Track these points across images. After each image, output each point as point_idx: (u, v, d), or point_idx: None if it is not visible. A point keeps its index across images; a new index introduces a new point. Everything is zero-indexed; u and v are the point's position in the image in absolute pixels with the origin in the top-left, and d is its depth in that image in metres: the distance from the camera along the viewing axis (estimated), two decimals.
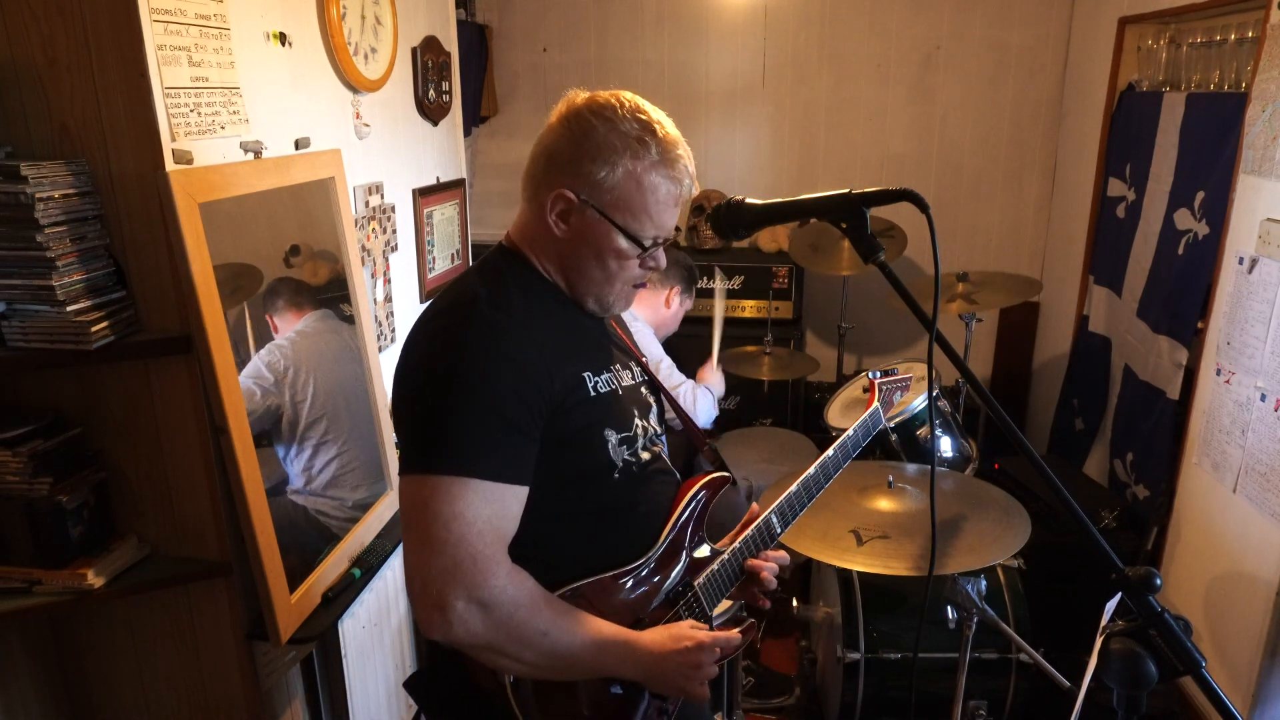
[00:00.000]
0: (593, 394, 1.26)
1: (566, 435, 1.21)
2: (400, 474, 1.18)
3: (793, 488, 1.50)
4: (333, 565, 1.95)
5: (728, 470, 1.46)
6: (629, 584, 1.29)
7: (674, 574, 1.34)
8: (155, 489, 1.73)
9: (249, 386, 1.76)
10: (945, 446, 2.93)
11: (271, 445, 1.82)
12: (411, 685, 1.34)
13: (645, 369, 1.43)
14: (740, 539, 1.42)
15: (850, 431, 1.67)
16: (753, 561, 1.42)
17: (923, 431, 2.81)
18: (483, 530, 1.12)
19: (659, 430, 1.40)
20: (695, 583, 1.35)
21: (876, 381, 1.83)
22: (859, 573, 2.44)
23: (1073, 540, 2.88)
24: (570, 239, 1.26)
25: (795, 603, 2.74)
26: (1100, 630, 0.98)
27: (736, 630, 1.36)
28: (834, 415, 3.06)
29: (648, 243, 1.26)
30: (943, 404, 3.01)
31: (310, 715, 2.12)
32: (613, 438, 1.27)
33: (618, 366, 1.34)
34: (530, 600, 1.15)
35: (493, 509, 1.13)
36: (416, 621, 1.14)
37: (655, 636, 1.25)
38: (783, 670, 3.03)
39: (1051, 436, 3.98)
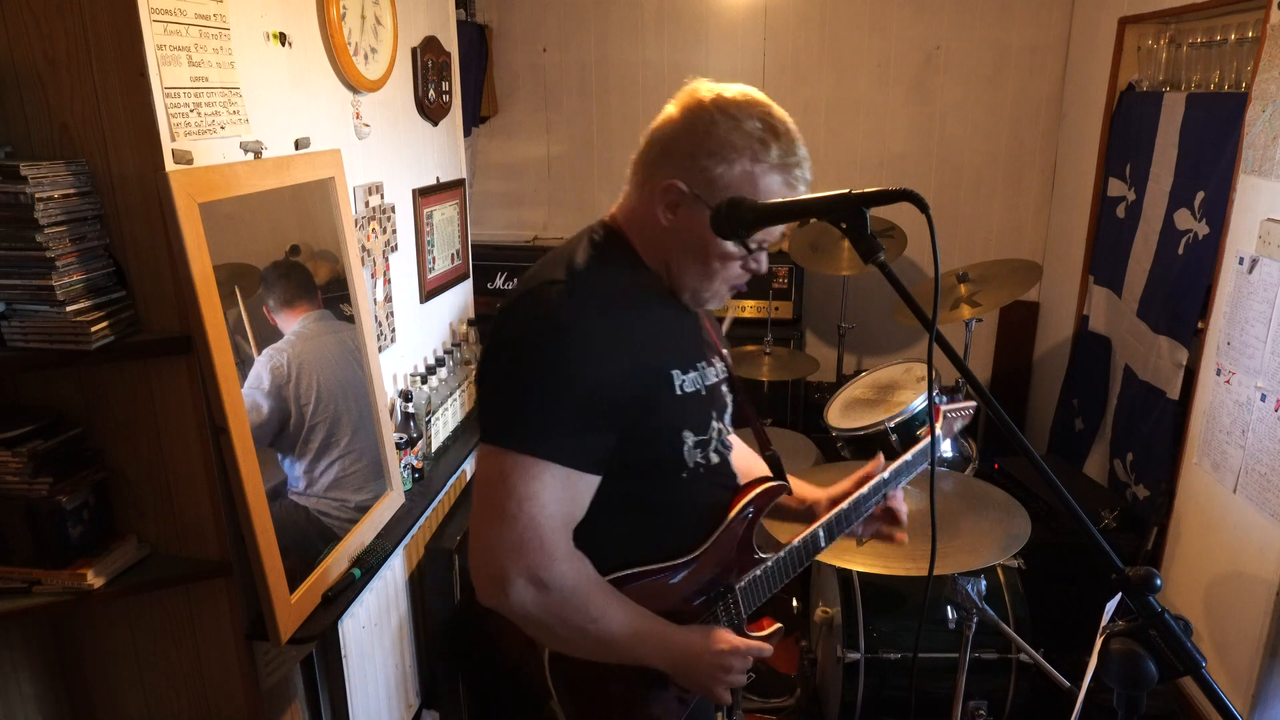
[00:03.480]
0: (678, 393, 1.26)
1: (646, 431, 1.22)
2: (481, 440, 1.19)
3: (844, 505, 1.50)
4: (333, 565, 1.95)
5: (785, 478, 1.47)
6: (674, 578, 1.31)
7: (718, 574, 1.35)
8: (155, 489, 1.73)
9: (253, 399, 1.76)
10: (945, 447, 2.94)
11: (274, 447, 1.82)
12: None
13: (728, 365, 1.42)
14: (785, 549, 1.43)
15: (908, 456, 1.64)
16: (891, 495, 1.52)
17: (922, 432, 2.81)
18: (553, 514, 1.14)
19: (730, 432, 1.40)
20: (737, 586, 1.37)
21: (943, 408, 1.80)
22: (859, 573, 2.45)
23: (1073, 540, 2.88)
24: (676, 230, 1.24)
25: (795, 602, 2.74)
26: (1100, 630, 0.98)
27: (766, 636, 1.38)
28: (834, 415, 3.06)
29: (753, 245, 1.25)
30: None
31: (310, 715, 2.12)
32: (690, 439, 1.28)
33: (704, 364, 1.33)
34: (586, 586, 1.18)
35: (565, 494, 1.15)
36: (472, 584, 1.17)
37: (693, 635, 1.28)
38: (783, 670, 3.03)
39: (1051, 436, 3.98)
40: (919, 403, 2.82)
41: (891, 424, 2.81)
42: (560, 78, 4.29)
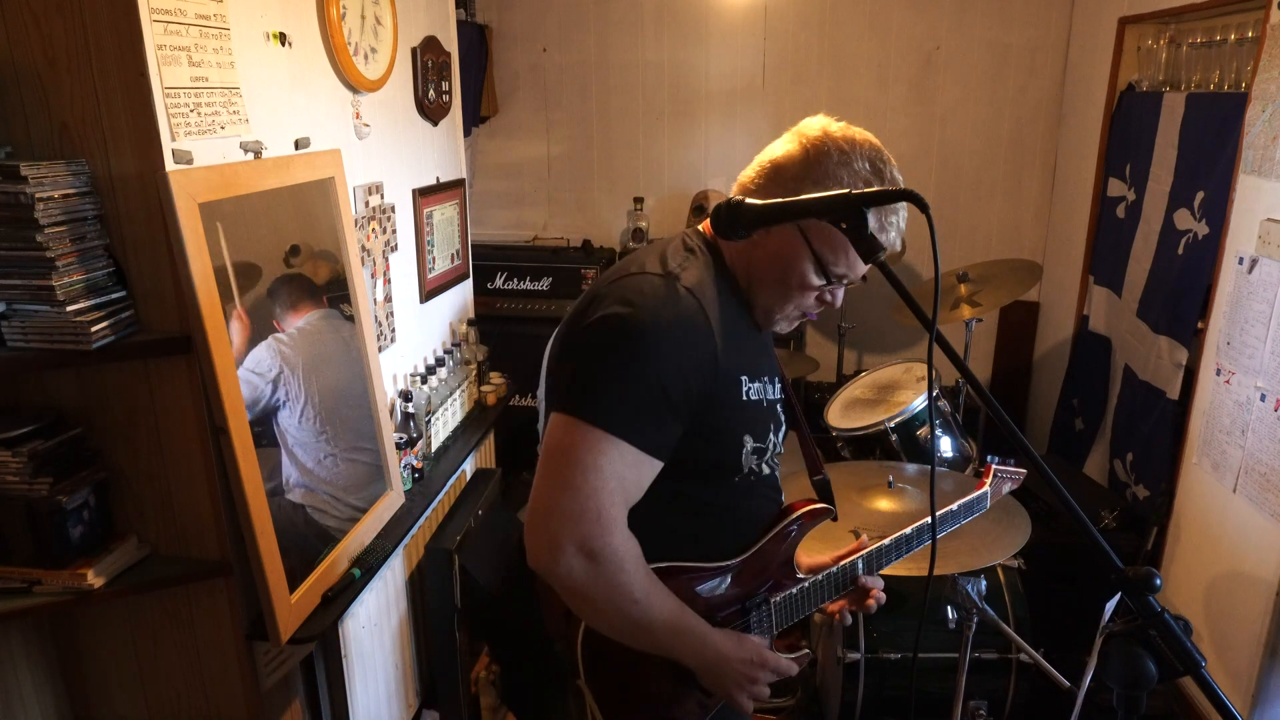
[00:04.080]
0: (744, 398, 1.30)
1: (711, 429, 1.26)
2: (555, 409, 1.21)
3: (886, 541, 1.52)
4: (333, 565, 1.95)
5: (833, 504, 1.49)
6: (714, 581, 1.33)
7: (756, 585, 1.38)
8: (155, 489, 1.73)
9: (247, 377, 1.75)
10: (945, 447, 2.94)
11: (272, 444, 1.82)
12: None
13: (786, 388, 1.46)
14: (825, 573, 1.45)
15: (955, 506, 1.66)
16: (868, 580, 1.48)
17: (922, 431, 2.81)
18: (614, 489, 1.16)
19: (782, 449, 1.44)
20: (773, 600, 1.39)
21: (994, 467, 1.78)
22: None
23: (1073, 540, 2.88)
24: (765, 247, 1.28)
25: None
26: (1100, 630, 0.98)
27: (794, 658, 1.39)
28: (834, 415, 3.06)
29: (835, 279, 1.28)
30: (942, 404, 3.01)
31: (310, 715, 2.12)
32: (749, 444, 1.32)
33: (767, 379, 1.37)
34: (634, 566, 1.20)
35: (630, 473, 1.18)
36: (525, 546, 1.20)
37: (726, 639, 1.30)
38: None
39: (1051, 436, 3.98)
40: (919, 403, 2.82)
41: (891, 424, 2.81)
42: (560, 78, 4.29)
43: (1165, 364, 2.99)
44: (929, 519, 1.55)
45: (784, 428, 1.45)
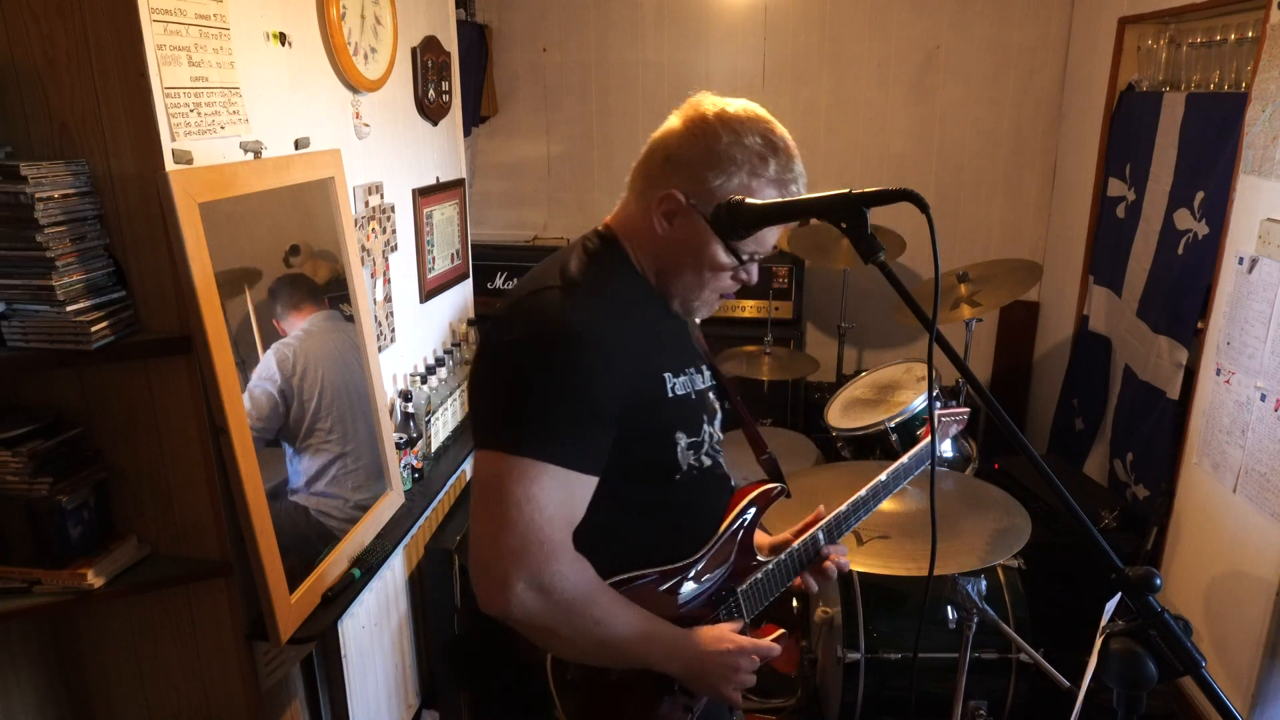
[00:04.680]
0: (670, 395, 1.28)
1: (640, 432, 1.23)
2: (477, 446, 1.19)
3: (842, 507, 1.52)
4: (333, 565, 1.95)
5: (782, 480, 1.48)
6: (675, 582, 1.31)
7: (719, 578, 1.36)
8: (155, 489, 1.73)
9: (265, 390, 1.76)
10: (946, 447, 2.94)
11: (277, 444, 1.82)
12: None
13: (716, 372, 1.44)
14: (787, 552, 1.44)
15: (905, 459, 1.67)
16: (831, 549, 1.46)
17: (923, 431, 2.81)
18: (552, 516, 1.14)
19: (720, 437, 1.42)
20: (739, 589, 1.37)
21: (938, 413, 1.82)
22: (859, 573, 2.44)
23: (1073, 540, 2.88)
24: (671, 239, 1.27)
25: (795, 603, 2.74)
26: (1100, 630, 0.98)
27: (772, 640, 1.37)
28: (834, 415, 3.06)
29: (745, 257, 1.27)
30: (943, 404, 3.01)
31: (310, 715, 2.12)
32: (683, 440, 1.29)
33: (693, 370, 1.35)
34: (589, 588, 1.18)
35: (564, 495, 1.16)
36: (474, 593, 1.17)
37: (700, 636, 1.28)
38: (783, 670, 3.02)
39: (1051, 436, 3.98)
40: (919, 402, 2.82)
41: (891, 424, 2.81)
42: (560, 78, 4.29)
43: (1165, 364, 2.99)
44: (881, 477, 1.58)
45: (720, 415, 1.43)
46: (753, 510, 1.41)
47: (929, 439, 1.73)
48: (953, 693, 2.24)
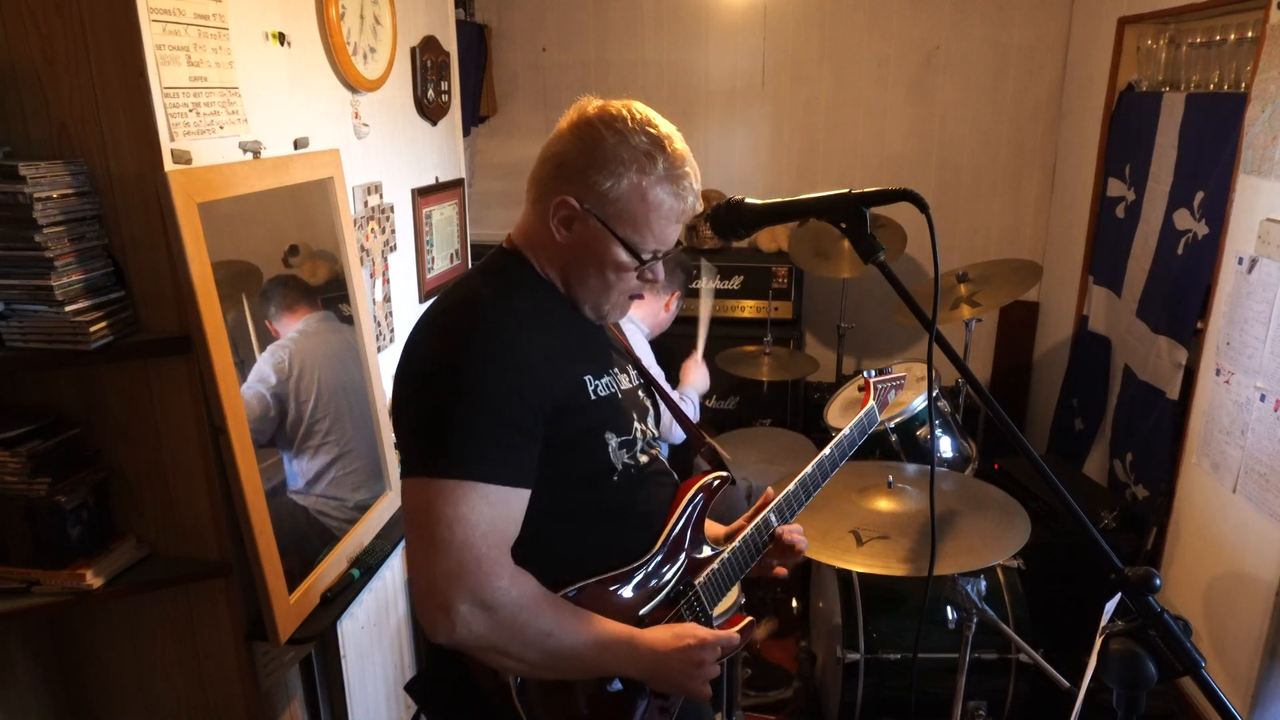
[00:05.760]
0: (593, 397, 1.27)
1: (567, 437, 1.22)
2: (403, 476, 1.18)
3: (790, 487, 1.52)
4: (332, 565, 1.95)
5: (726, 469, 1.47)
6: (630, 584, 1.29)
7: (674, 574, 1.35)
8: (155, 489, 1.73)
9: (258, 392, 1.76)
10: (945, 446, 2.93)
11: (274, 445, 1.82)
12: (413, 687, 1.35)
13: (642, 372, 1.44)
14: (740, 538, 1.43)
15: (846, 430, 1.68)
16: (785, 528, 1.45)
17: (922, 431, 2.81)
18: (486, 533, 1.12)
19: (656, 434, 1.41)
20: (696, 582, 1.36)
21: (872, 381, 1.85)
22: (859, 573, 2.44)
23: (1073, 540, 2.88)
24: (571, 246, 1.26)
25: (795, 603, 2.74)
26: (1100, 630, 0.98)
27: (735, 630, 1.36)
28: (834, 415, 3.06)
29: (646, 256, 1.26)
30: (942, 404, 3.01)
31: (309, 715, 2.12)
32: (613, 440, 1.28)
33: (616, 370, 1.35)
34: (534, 601, 1.16)
35: (495, 512, 1.14)
36: (420, 623, 1.15)
37: (657, 635, 1.26)
38: (775, 661, 3.03)
39: (1051, 436, 3.98)
40: (919, 403, 2.82)
41: (891, 424, 2.81)
42: (560, 77, 4.29)
43: (1165, 364, 2.99)
44: (825, 452, 1.59)
45: (652, 412, 1.42)
46: (699, 500, 1.40)
47: (868, 407, 1.76)
48: (952, 693, 2.24)
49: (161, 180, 1.52)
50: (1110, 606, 1.00)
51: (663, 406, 1.52)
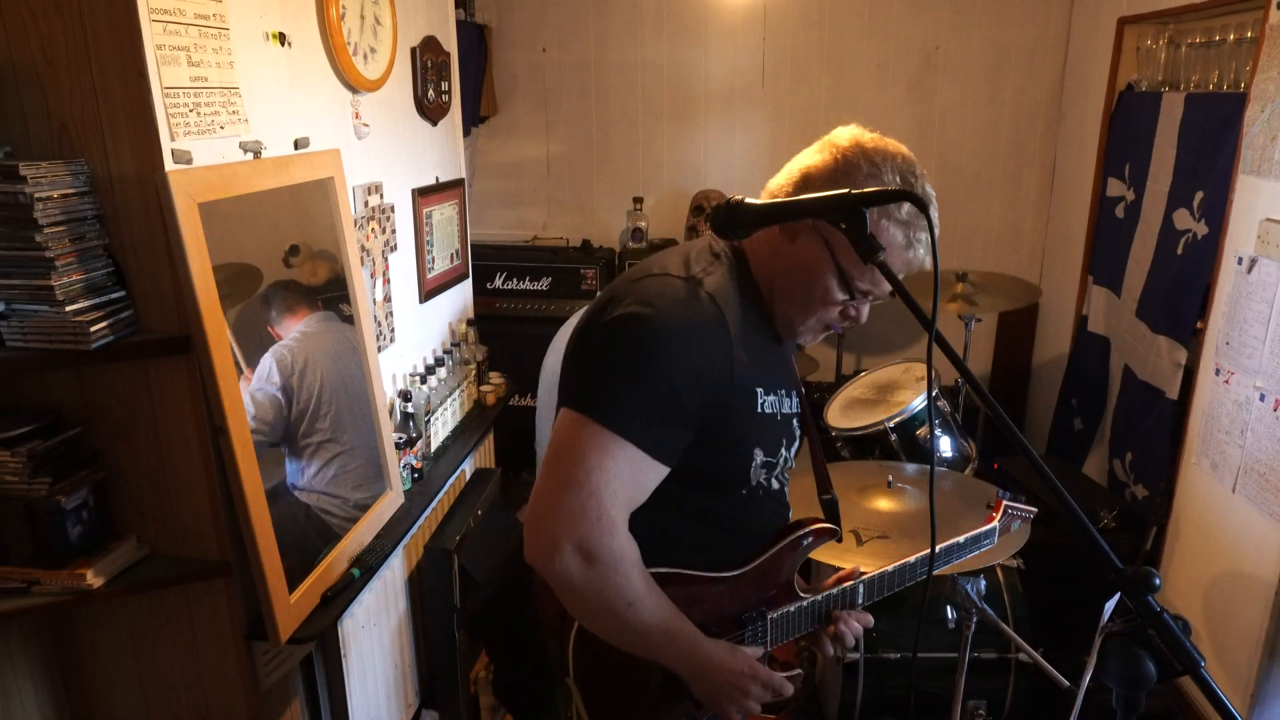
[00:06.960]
0: (758, 410, 1.29)
1: (720, 439, 1.25)
2: (565, 404, 1.20)
3: (890, 568, 1.50)
4: (332, 565, 1.95)
5: (838, 524, 1.46)
6: (712, 590, 1.32)
7: (754, 599, 1.36)
8: (155, 489, 1.73)
9: (270, 393, 1.77)
10: (945, 446, 2.94)
11: (277, 443, 1.82)
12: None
13: (802, 402, 1.45)
14: (824, 593, 1.43)
15: (961, 539, 1.64)
16: (842, 614, 1.44)
17: (922, 431, 2.81)
18: (617, 490, 1.15)
19: (794, 465, 1.43)
20: (770, 615, 1.37)
21: (1004, 503, 1.77)
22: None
23: (1072, 540, 2.88)
24: (790, 257, 1.27)
25: None
26: (1099, 630, 0.98)
27: (787, 678, 1.36)
28: (834, 415, 3.06)
29: (857, 293, 1.27)
30: (942, 404, 3.01)
31: (310, 715, 2.12)
32: (759, 457, 1.31)
33: (783, 392, 1.36)
34: (630, 568, 1.19)
35: (634, 476, 1.17)
36: (524, 542, 1.19)
37: (720, 648, 1.28)
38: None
39: (1051, 436, 3.98)
40: (919, 402, 2.82)
41: (891, 424, 2.81)
42: (560, 78, 4.29)
43: (1164, 364, 2.99)
44: (934, 549, 1.55)
45: (796, 443, 1.43)
46: (804, 544, 1.41)
47: (990, 526, 1.70)
48: (952, 693, 2.24)
49: (162, 180, 1.52)
50: (1110, 606, 1.00)
51: (805, 442, 1.51)
